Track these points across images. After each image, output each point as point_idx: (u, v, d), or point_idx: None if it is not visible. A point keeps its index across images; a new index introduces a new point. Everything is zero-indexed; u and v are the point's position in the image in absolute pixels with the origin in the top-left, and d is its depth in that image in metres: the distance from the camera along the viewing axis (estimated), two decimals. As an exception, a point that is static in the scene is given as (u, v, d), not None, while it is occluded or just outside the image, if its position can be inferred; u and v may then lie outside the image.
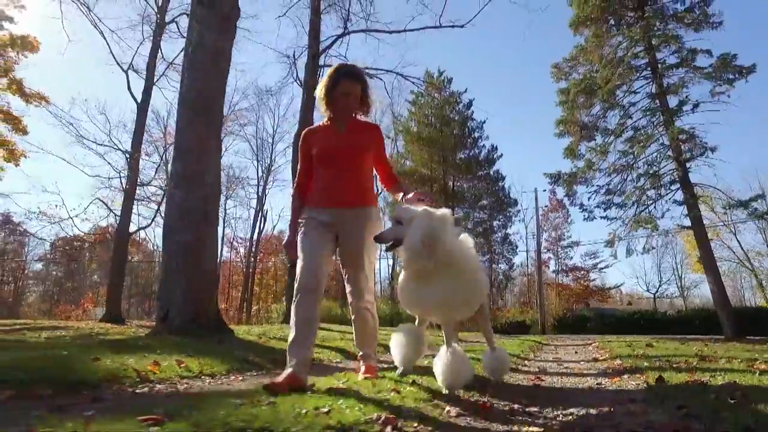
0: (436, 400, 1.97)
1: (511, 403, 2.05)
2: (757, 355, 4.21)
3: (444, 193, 20.01)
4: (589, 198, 13.78)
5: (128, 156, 17.75)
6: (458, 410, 1.81)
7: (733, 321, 11.58)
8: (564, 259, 29.60)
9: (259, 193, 30.17)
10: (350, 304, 2.53)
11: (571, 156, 14.04)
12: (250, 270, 33.71)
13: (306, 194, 2.52)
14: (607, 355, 4.74)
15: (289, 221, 2.54)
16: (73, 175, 66.98)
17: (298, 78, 14.53)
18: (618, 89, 13.43)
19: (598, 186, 13.67)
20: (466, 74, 47.99)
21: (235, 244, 37.48)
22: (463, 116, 20.49)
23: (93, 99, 40.38)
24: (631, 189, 12.97)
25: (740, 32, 38.98)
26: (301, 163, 2.58)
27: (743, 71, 11.88)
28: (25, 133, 17.35)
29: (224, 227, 32.43)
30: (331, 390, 1.96)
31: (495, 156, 20.76)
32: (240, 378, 3.12)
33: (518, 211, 22.60)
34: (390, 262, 25.95)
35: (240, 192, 32.15)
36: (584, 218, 14.05)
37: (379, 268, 28.54)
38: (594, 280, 30.07)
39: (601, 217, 13.78)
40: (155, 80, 17.49)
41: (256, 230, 32.09)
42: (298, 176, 2.59)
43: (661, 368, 2.90)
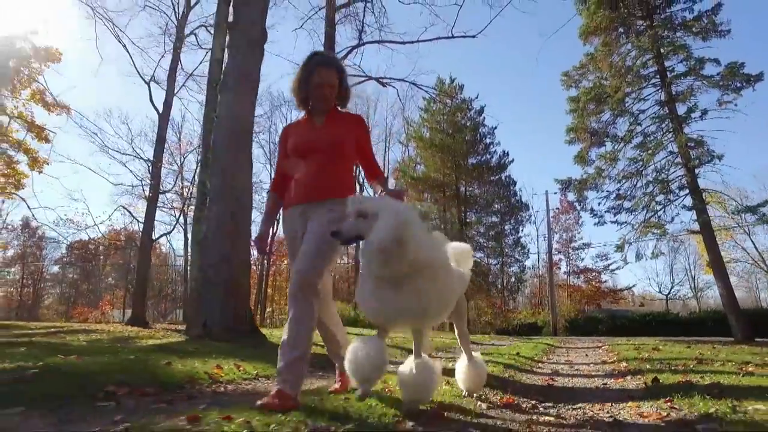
0: (467, 397, 2.41)
1: (530, 399, 2.48)
2: (753, 358, 4.57)
3: (456, 198, 20.43)
4: (599, 203, 14.14)
5: (150, 165, 18.43)
6: (488, 404, 2.25)
7: (742, 324, 11.84)
8: (575, 261, 29.80)
9: (272, 197, 30.76)
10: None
11: (581, 162, 14.39)
12: (264, 272, 34.34)
13: (281, 191, 2.45)
14: (615, 358, 5.13)
15: (262, 217, 2.56)
16: (88, 181, 68.16)
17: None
18: (627, 97, 13.75)
19: (608, 191, 14.01)
20: (477, 80, 48.36)
21: (248, 247, 38.09)
22: (475, 122, 20.92)
23: (116, 109, 41.49)
24: (640, 195, 13.28)
25: (748, 40, 38.90)
26: (278, 160, 2.52)
27: (750, 79, 12.14)
28: (47, 141, 18.09)
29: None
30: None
31: (506, 161, 21.16)
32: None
33: (530, 215, 22.96)
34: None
35: (254, 196, 32.85)
36: (595, 223, 14.40)
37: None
38: (605, 281, 30.19)
39: (612, 222, 14.13)
40: (175, 91, 18.16)
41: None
42: (275, 173, 2.54)
43: (660, 371, 3.31)
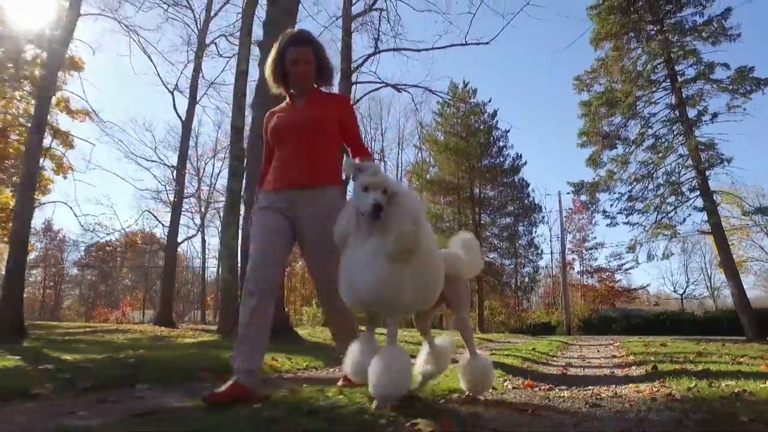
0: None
1: (546, 384, 2.95)
2: (752, 353, 4.97)
3: (471, 200, 20.85)
4: (611, 205, 14.47)
5: (174, 171, 19.21)
6: (512, 385, 2.73)
7: (753, 323, 12.09)
8: (588, 261, 29.96)
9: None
10: (321, 306, 2.13)
11: (593, 165, 14.73)
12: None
13: None
14: (624, 353, 5.56)
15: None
16: (108, 185, 69.93)
17: (334, 96, 15.62)
18: (638, 100, 14.06)
19: (620, 193, 14.34)
20: (489, 83, 48.58)
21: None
22: (488, 126, 21.32)
23: (139, 116, 42.76)
24: (651, 197, 13.59)
25: (759, 44, 38.56)
26: (264, 150, 2.35)
27: (760, 83, 12.37)
28: (71, 147, 18.85)
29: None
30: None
31: (519, 164, 21.54)
32: (338, 369, 4.09)
33: (543, 217, 23.28)
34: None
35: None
36: (607, 224, 14.72)
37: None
38: (619, 281, 30.30)
39: (624, 223, 14.46)
40: (198, 99, 18.91)
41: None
42: (263, 166, 2.35)
43: (661, 361, 3.75)
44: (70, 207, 18.73)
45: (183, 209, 22.02)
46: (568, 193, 15.71)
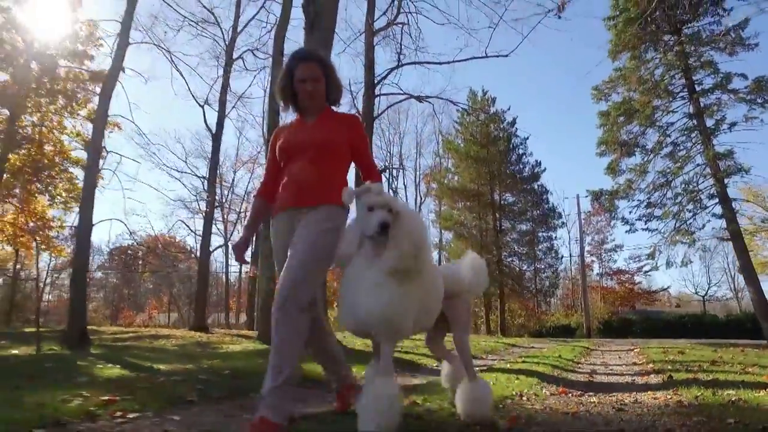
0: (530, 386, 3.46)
1: (577, 390, 3.51)
2: (765, 361, 5.43)
3: (491, 206, 21.34)
4: (630, 212, 14.83)
5: (204, 181, 20.14)
6: (550, 392, 3.31)
7: (775, 327, 12.38)
8: (608, 263, 30.02)
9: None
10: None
11: (612, 174, 15.11)
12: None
13: (269, 195, 2.31)
14: (644, 360, 6.06)
15: (246, 222, 2.44)
16: (138, 194, 71.98)
17: (359, 110, 16.27)
18: (656, 110, 14.39)
19: (639, 200, 14.69)
20: (506, 86, 48.83)
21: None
22: (508, 133, 21.78)
23: (169, 128, 44.25)
24: (670, 205, 13.93)
25: None
26: (267, 163, 2.39)
27: (779, 93, 12.63)
28: (103, 157, 19.81)
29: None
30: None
31: (539, 171, 21.95)
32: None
33: (563, 223, 23.62)
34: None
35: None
36: (626, 230, 15.09)
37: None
38: (639, 282, 30.22)
39: (643, 229, 14.80)
40: (227, 113, 19.80)
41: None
42: (264, 177, 2.40)
43: (677, 370, 4.27)
44: (125, 224, 19.77)
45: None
46: (586, 197, 16.12)
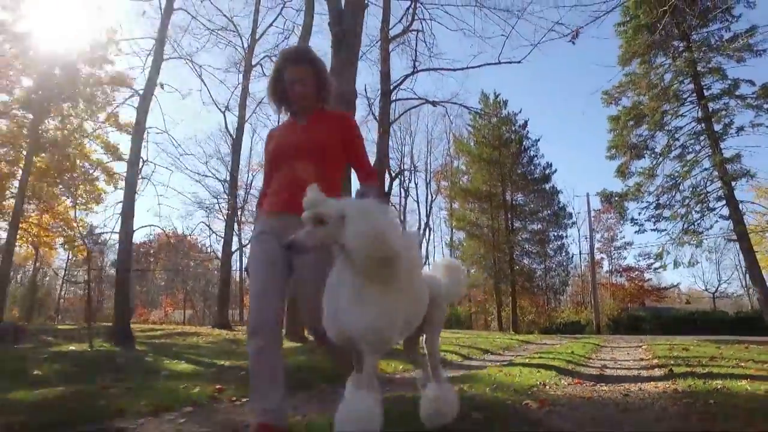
0: (549, 377, 4.08)
1: (590, 381, 4.13)
2: (763, 357, 5.99)
3: (503, 206, 21.91)
4: (639, 213, 15.34)
5: (225, 184, 20.90)
6: (567, 383, 3.93)
7: (778, 325, 12.88)
8: (617, 260, 30.35)
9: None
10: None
11: (621, 176, 15.62)
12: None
13: None
14: (650, 356, 6.65)
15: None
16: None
17: (375, 116, 16.88)
18: (665, 114, 14.86)
19: (648, 202, 15.19)
20: (517, 89, 49.26)
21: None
22: (519, 135, 22.30)
23: (188, 131, 44.99)
24: (678, 207, 14.43)
25: None
26: (265, 170, 2.30)
27: (785, 99, 13.05)
28: (120, 159, 20.23)
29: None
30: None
31: (550, 173, 22.48)
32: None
33: (573, 222, 24.11)
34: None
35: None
36: (635, 231, 15.61)
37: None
38: (649, 279, 30.47)
39: (652, 230, 15.31)
40: (246, 118, 20.50)
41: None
42: (263, 185, 2.31)
43: (678, 365, 4.87)
44: (162, 229, 20.65)
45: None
46: (596, 195, 16.62)
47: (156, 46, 11.69)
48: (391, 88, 16.91)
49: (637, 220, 15.55)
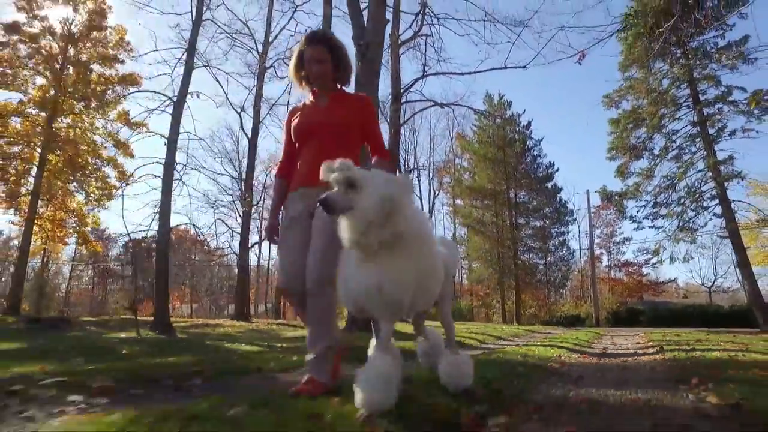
0: (560, 354, 4.97)
1: (595, 357, 5.02)
2: (742, 341, 6.90)
3: (507, 204, 22.82)
4: (638, 211, 16.25)
5: (241, 182, 21.74)
6: (576, 357, 4.82)
7: (764, 316, 13.80)
8: (616, 255, 31.23)
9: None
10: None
11: (621, 176, 16.51)
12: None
13: (288, 174, 2.40)
14: (646, 340, 7.56)
15: (271, 205, 2.50)
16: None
17: (386, 118, 17.68)
18: (663, 118, 15.73)
19: (646, 200, 16.09)
20: (521, 91, 50.05)
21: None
22: (523, 135, 23.18)
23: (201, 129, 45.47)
24: (673, 206, 15.33)
25: None
26: (283, 144, 2.47)
27: (775, 106, 13.91)
28: (132, 156, 20.26)
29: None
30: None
31: (552, 172, 23.37)
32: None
33: (574, 219, 25.02)
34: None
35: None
36: (634, 228, 16.51)
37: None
38: (647, 274, 31.28)
39: (650, 227, 16.23)
40: (261, 119, 21.30)
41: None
42: (282, 157, 2.48)
43: (668, 344, 5.77)
44: (193, 225, 21.24)
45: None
46: (597, 191, 17.48)
47: (187, 55, 12.50)
48: (402, 91, 17.69)
49: (635, 217, 16.48)
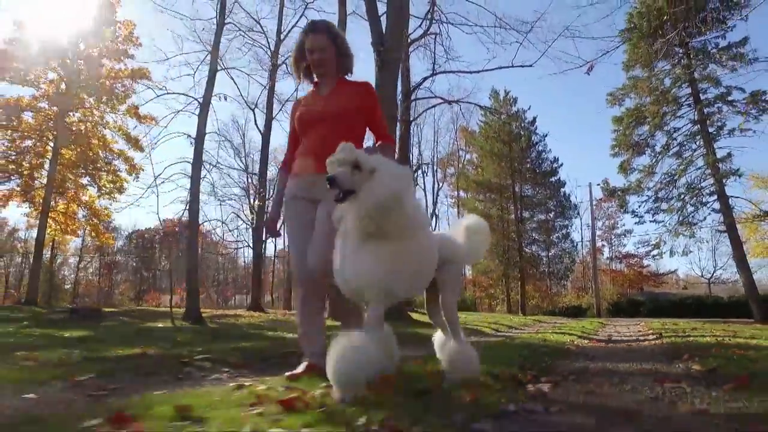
0: (572, 339, 5.67)
1: (602, 342, 5.71)
2: (733, 330, 7.60)
3: (513, 198, 23.50)
4: (639, 206, 16.93)
5: (252, 176, 22.40)
6: (586, 342, 5.53)
7: (759, 307, 14.54)
8: (618, 247, 31.93)
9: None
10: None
11: (623, 172, 17.16)
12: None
13: (291, 168, 2.41)
14: (647, 329, 8.28)
15: (273, 197, 2.47)
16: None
17: (397, 117, 18.24)
18: (664, 116, 16.33)
19: (647, 196, 16.76)
20: (526, 87, 50.46)
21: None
22: (528, 131, 23.77)
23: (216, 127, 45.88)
24: (674, 202, 16.00)
25: None
26: (289, 135, 2.48)
27: (773, 106, 14.49)
28: (141, 150, 19.89)
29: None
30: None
31: (556, 167, 24.01)
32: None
33: (577, 214, 25.68)
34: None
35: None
36: (635, 222, 17.21)
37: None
38: (648, 266, 31.85)
39: (651, 221, 16.92)
40: (274, 115, 21.87)
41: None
42: (287, 150, 2.49)
43: (666, 332, 6.47)
44: (222, 222, 21.88)
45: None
46: (598, 184, 18.10)
47: (211, 57, 13.08)
48: (412, 88, 18.21)
49: (637, 212, 17.16)
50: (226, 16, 13.55)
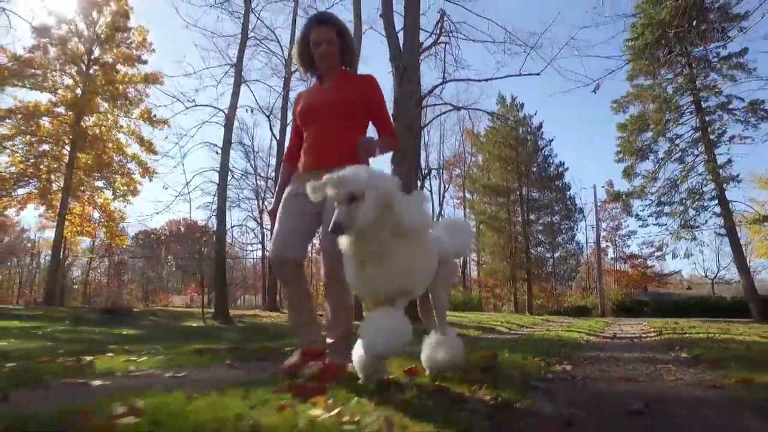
0: (582, 336, 6.36)
1: (609, 338, 6.40)
2: (728, 329, 8.28)
3: (520, 201, 24.17)
4: (643, 210, 17.59)
5: (267, 181, 23.17)
6: (594, 338, 6.22)
7: (757, 308, 15.17)
8: (622, 248, 32.37)
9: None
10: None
11: (627, 177, 17.82)
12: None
13: (295, 160, 2.36)
14: (649, 328, 8.97)
15: (276, 189, 2.45)
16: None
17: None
18: (667, 123, 16.98)
19: (650, 200, 17.43)
20: (531, 91, 51.06)
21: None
22: (535, 136, 24.46)
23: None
24: (676, 206, 16.65)
25: None
26: (291, 129, 2.47)
27: (768, 116, 15.12)
28: (154, 153, 20.81)
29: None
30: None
31: (562, 171, 24.67)
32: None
33: (583, 217, 26.33)
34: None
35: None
36: (639, 225, 17.87)
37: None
38: (652, 266, 32.24)
39: (654, 224, 17.58)
40: (288, 121, 22.58)
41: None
42: (290, 142, 2.48)
43: (667, 329, 7.16)
44: (246, 225, 22.24)
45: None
46: (603, 186, 18.77)
47: (236, 70, 13.84)
48: (422, 95, 18.84)
49: (640, 215, 17.83)
50: (249, 32, 14.27)
